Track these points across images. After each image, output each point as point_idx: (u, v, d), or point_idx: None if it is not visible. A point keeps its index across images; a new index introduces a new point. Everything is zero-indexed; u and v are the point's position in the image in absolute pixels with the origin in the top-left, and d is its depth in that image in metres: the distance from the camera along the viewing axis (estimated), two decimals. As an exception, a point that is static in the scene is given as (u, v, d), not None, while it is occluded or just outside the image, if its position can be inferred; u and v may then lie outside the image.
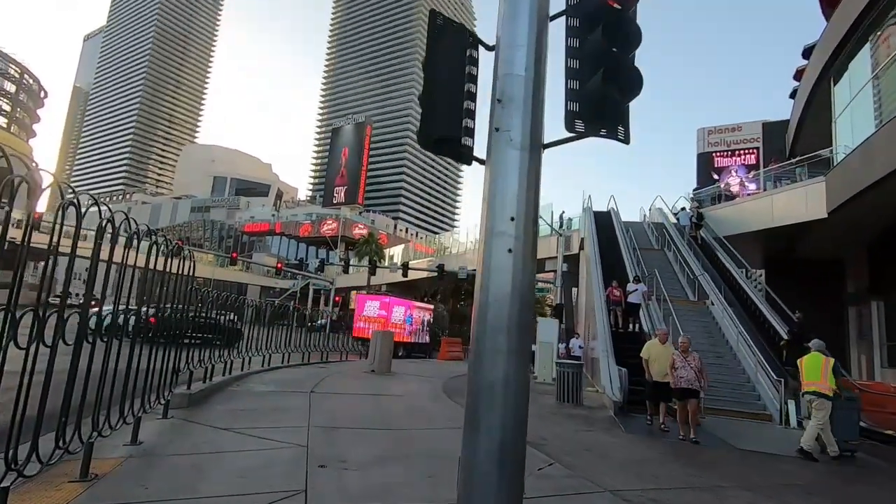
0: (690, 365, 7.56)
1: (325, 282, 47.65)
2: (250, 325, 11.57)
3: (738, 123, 40.74)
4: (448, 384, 12.01)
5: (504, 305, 2.92)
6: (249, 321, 11.85)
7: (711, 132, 40.89)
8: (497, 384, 2.90)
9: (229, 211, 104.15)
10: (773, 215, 19.50)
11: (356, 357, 17.30)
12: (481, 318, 2.98)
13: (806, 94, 21.28)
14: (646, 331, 11.98)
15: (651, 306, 13.39)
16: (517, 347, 2.92)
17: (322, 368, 13.32)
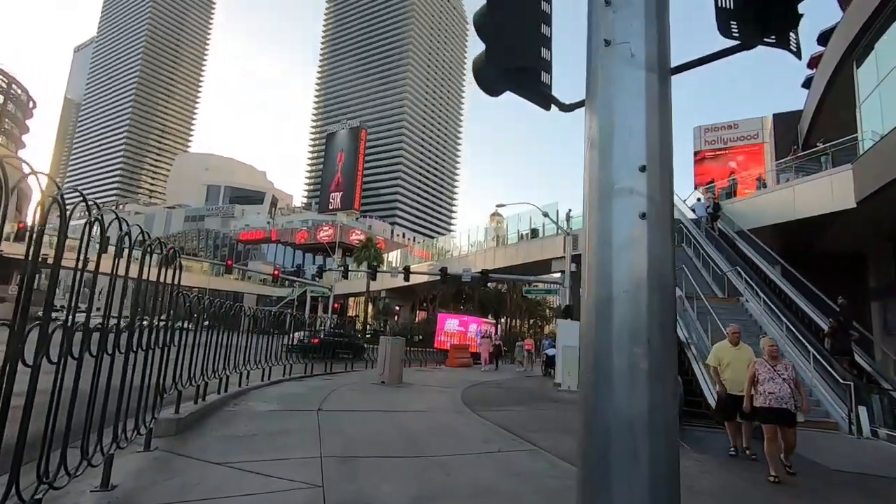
0: (783, 376, 5.54)
1: (324, 288, 46.52)
2: (248, 336, 10.51)
3: (735, 121, 40.53)
4: (467, 394, 10.97)
5: (640, 300, 1.90)
6: (247, 331, 10.81)
7: (708, 130, 40.61)
8: (638, 423, 1.85)
9: (224, 219, 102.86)
10: (795, 207, 18.61)
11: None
12: (600, 323, 1.95)
13: (824, 81, 20.46)
14: (683, 340, 10.88)
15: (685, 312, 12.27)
16: (661, 363, 1.89)
17: (327, 381, 12.25)
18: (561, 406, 9.96)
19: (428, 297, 67.89)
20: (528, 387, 13.88)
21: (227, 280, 69.46)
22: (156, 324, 5.15)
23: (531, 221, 34.88)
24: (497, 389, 12.61)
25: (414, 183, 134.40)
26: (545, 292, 30.01)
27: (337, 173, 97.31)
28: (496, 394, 11.73)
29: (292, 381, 11.63)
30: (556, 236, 31.76)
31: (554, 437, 6.80)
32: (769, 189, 20.18)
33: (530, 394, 11.96)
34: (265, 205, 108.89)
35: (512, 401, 10.54)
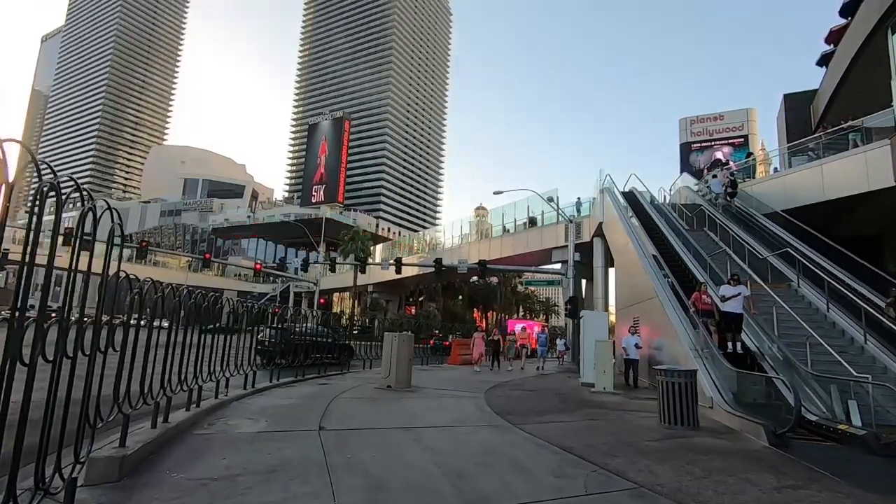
0: None
1: (308, 283, 44.31)
2: (227, 335, 8.58)
3: (721, 112, 40.12)
4: (493, 400, 9.22)
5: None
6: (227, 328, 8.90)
7: (694, 121, 40.41)
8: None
9: (202, 214, 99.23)
10: (824, 188, 17.24)
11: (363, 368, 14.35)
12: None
13: (851, 53, 19.15)
14: (754, 350, 9.20)
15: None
16: None
17: (324, 386, 10.37)
18: (612, 414, 8.27)
19: (415, 291, 66.08)
20: (552, 387, 12.20)
21: (205, 276, 66.62)
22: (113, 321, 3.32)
23: (529, 210, 33.26)
24: (522, 392, 10.89)
25: (398, 176, 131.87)
26: (547, 283, 28.47)
27: (320, 166, 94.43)
28: (525, 398, 10.00)
29: (282, 387, 9.73)
30: (557, 224, 30.18)
31: (638, 462, 5.09)
32: (796, 169, 18.76)
33: (563, 398, 10.25)
34: (245, 198, 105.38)
35: (549, 408, 8.81)
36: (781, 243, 14.91)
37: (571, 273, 26.30)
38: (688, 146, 40.13)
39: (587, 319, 12.63)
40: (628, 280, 16.20)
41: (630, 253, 15.84)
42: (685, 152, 40.01)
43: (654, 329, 12.01)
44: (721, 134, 39.67)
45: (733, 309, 9.42)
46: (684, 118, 40.53)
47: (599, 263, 26.42)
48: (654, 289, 12.15)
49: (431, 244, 46.43)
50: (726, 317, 9.49)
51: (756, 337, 9.47)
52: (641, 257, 14.12)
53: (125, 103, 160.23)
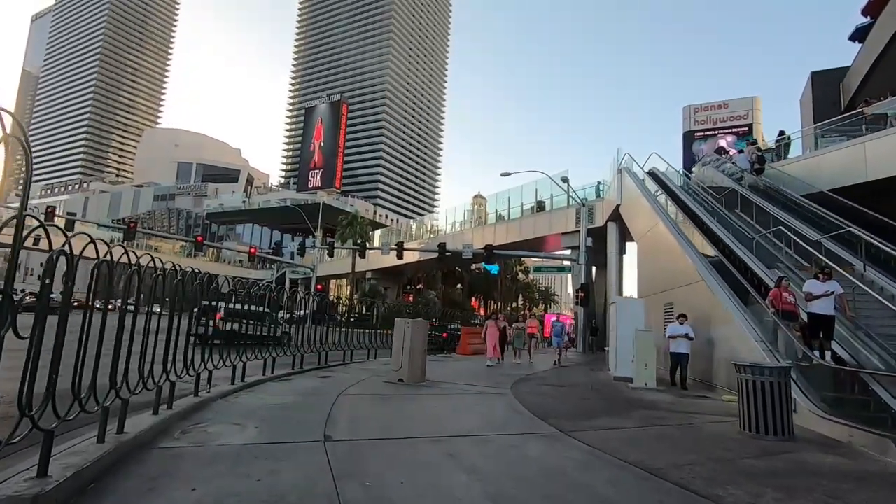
0: None
1: (305, 268, 42.83)
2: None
3: (726, 100, 38.96)
4: (524, 398, 7.85)
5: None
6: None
7: (698, 110, 39.25)
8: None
9: (196, 198, 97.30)
10: (867, 167, 15.81)
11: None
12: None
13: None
14: (847, 360, 7.49)
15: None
16: None
17: (326, 379, 8.99)
18: (674, 418, 6.92)
19: (414, 278, 64.66)
20: (583, 382, 10.85)
21: (199, 261, 64.92)
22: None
23: (537, 194, 31.81)
24: (552, 388, 9.52)
25: (396, 162, 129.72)
26: (557, 270, 27.03)
27: (317, 150, 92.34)
28: (559, 396, 8.63)
29: (276, 380, 8.33)
30: (567, 208, 28.76)
31: (762, 494, 3.72)
32: (834, 147, 17.32)
33: (603, 395, 8.89)
34: (240, 183, 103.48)
35: (595, 408, 7.45)
36: (830, 225, 13.55)
37: (583, 259, 24.95)
38: (691, 134, 39.05)
39: (621, 307, 11.26)
40: (657, 264, 14.83)
41: (660, 235, 14.46)
42: (688, 140, 38.92)
43: (699, 319, 10.65)
44: (725, 122, 38.68)
45: (823, 310, 7.53)
46: (688, 106, 39.42)
47: (613, 249, 25.09)
48: (699, 272, 10.78)
49: (433, 230, 44.96)
50: (814, 319, 7.60)
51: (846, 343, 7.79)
52: (678, 238, 12.74)
53: (118, 85, 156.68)
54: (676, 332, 10.13)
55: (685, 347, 9.98)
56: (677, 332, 10.11)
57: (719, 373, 9.76)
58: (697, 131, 38.54)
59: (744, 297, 9.55)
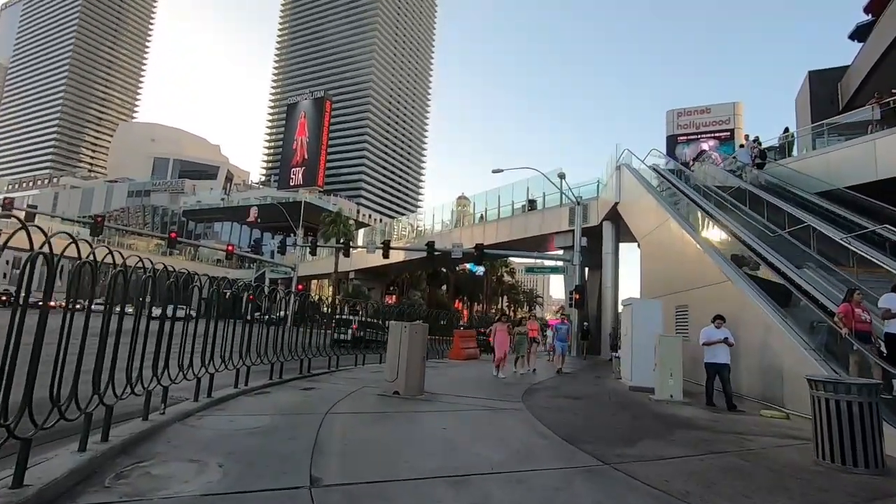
0: None
1: (286, 268, 41.21)
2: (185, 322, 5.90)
3: (708, 105, 39.32)
4: (541, 415, 6.73)
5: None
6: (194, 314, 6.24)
7: (681, 114, 39.53)
8: None
9: (172, 195, 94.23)
10: (878, 166, 15.16)
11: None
12: None
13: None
14: None
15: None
16: None
17: (308, 391, 7.74)
18: (725, 440, 5.89)
19: (398, 279, 63.28)
20: (597, 393, 9.78)
21: (175, 259, 62.55)
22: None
23: (528, 192, 30.87)
24: (567, 401, 8.41)
25: (380, 162, 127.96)
26: (550, 271, 26.10)
27: (299, 147, 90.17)
28: (579, 411, 7.53)
29: (251, 393, 7.08)
30: (560, 207, 27.82)
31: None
32: (843, 145, 16.67)
33: (629, 411, 7.80)
34: (219, 180, 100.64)
35: (629, 429, 6.37)
36: (850, 223, 12.80)
37: (578, 259, 24.05)
38: (674, 138, 39.25)
39: (637, 309, 10.25)
40: (667, 264, 13.90)
41: (671, 233, 13.54)
42: (671, 144, 39.11)
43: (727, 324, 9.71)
44: (707, 127, 39.06)
45: None
46: (671, 110, 39.68)
47: (609, 249, 24.22)
48: (725, 272, 9.84)
49: (418, 229, 43.74)
50: (890, 341, 6.35)
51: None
52: (694, 236, 11.82)
53: (92, 78, 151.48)
54: (713, 337, 8.28)
55: (725, 356, 8.17)
56: (714, 338, 8.25)
57: (750, 383, 8.78)
58: (680, 135, 38.57)
59: (779, 301, 8.62)
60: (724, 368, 8.23)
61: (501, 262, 66.12)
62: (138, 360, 4.50)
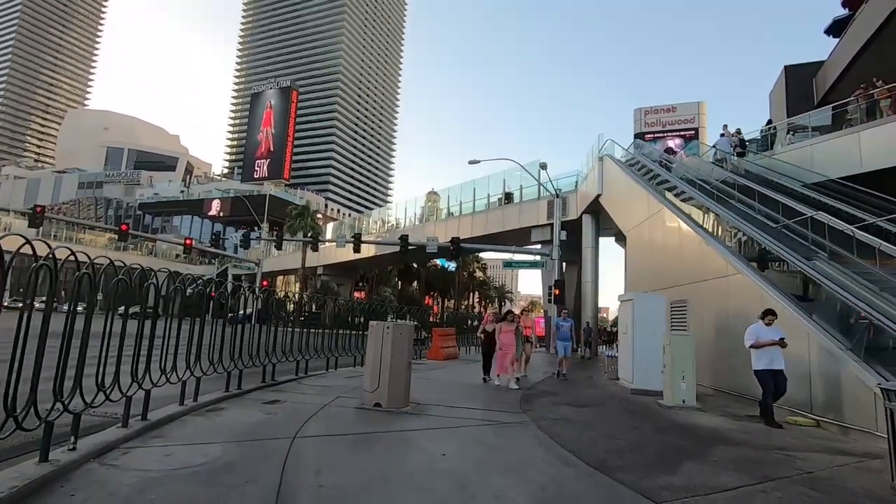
0: None
1: (250, 263, 39.17)
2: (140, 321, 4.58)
3: (673, 104, 40.06)
4: (552, 430, 5.71)
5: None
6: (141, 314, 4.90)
7: (648, 112, 40.09)
8: None
9: (127, 187, 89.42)
10: (862, 158, 14.92)
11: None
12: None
13: (888, 9, 16.97)
14: None
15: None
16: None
17: (272, 406, 6.47)
18: (772, 460, 5.01)
19: (368, 274, 61.59)
20: (596, 396, 8.85)
21: (131, 255, 59.06)
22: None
23: (505, 185, 29.99)
24: (573, 410, 7.41)
25: (348, 156, 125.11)
26: (529, 265, 25.27)
27: (264, 139, 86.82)
28: (591, 423, 6.52)
29: (201, 411, 5.79)
30: (538, 201, 27.03)
31: None
32: (826, 137, 16.40)
33: (643, 420, 6.87)
34: (178, 172, 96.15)
35: (658, 448, 5.39)
36: (851, 215, 12.35)
37: (557, 253, 23.28)
38: (642, 136, 39.92)
39: (639, 304, 9.38)
40: (660, 257, 13.16)
41: (665, 223, 12.80)
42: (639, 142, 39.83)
43: (731, 317, 8.95)
44: (673, 126, 39.75)
45: None
46: (639, 108, 40.12)
47: (589, 243, 23.60)
48: (734, 264, 9.07)
49: (389, 224, 42.32)
50: None
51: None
52: (694, 227, 11.09)
53: (38, 63, 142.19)
54: (764, 337, 6.65)
55: (781, 360, 6.62)
56: (766, 338, 6.62)
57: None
58: (648, 133, 38.96)
59: (797, 296, 7.88)
60: (781, 376, 6.68)
61: (473, 257, 65.40)
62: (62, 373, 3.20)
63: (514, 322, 10.09)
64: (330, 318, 12.90)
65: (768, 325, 6.93)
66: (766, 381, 6.70)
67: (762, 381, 6.73)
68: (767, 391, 6.68)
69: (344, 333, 12.25)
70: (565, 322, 11.83)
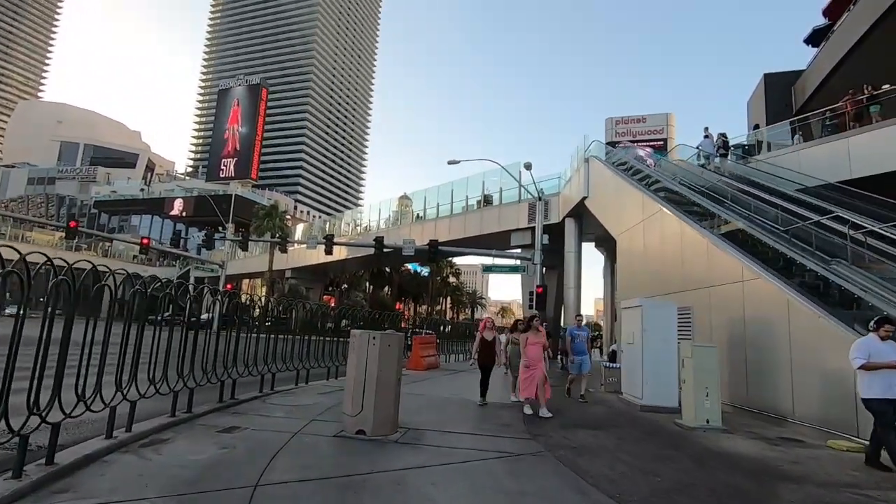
0: None
1: (213, 265, 37.07)
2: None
3: (643, 115, 40.95)
4: (574, 461, 4.68)
5: None
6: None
7: (619, 122, 40.87)
8: None
9: (82, 184, 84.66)
10: (851, 165, 14.68)
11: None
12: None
13: (870, 19, 16.93)
14: None
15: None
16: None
17: (228, 437, 5.19)
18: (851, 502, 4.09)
19: (339, 278, 59.71)
20: (602, 413, 7.86)
21: (85, 255, 55.46)
22: None
23: (484, 187, 29.14)
24: (590, 434, 6.36)
25: (319, 158, 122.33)
26: (510, 270, 24.38)
27: (231, 137, 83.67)
28: (620, 452, 5.49)
29: (133, 448, 4.50)
30: (518, 203, 26.25)
31: None
32: (814, 142, 16.14)
33: (678, 451, 5.89)
34: (138, 169, 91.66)
35: (717, 489, 4.40)
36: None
37: (539, 258, 22.45)
38: (613, 144, 40.59)
39: (649, 311, 8.47)
40: (658, 261, 12.40)
41: (665, 225, 12.06)
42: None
43: (748, 325, 8.17)
44: (643, 136, 40.57)
45: None
46: (610, 118, 40.78)
47: (572, 248, 22.89)
48: (752, 268, 8.31)
49: (363, 226, 40.87)
50: None
51: None
52: (699, 229, 10.35)
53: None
54: (885, 355, 5.03)
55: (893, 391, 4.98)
56: (884, 356, 5.02)
57: (803, 403, 7.18)
58: (618, 142, 39.45)
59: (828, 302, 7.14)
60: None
61: (447, 262, 64.38)
62: None
63: (540, 332, 8.01)
64: (299, 323, 11.58)
65: (884, 339, 5.15)
66: (883, 413, 5.01)
67: (877, 412, 5.05)
68: (886, 425, 4.99)
69: (317, 340, 10.97)
70: (581, 331, 9.76)
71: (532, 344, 7.79)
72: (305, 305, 12.80)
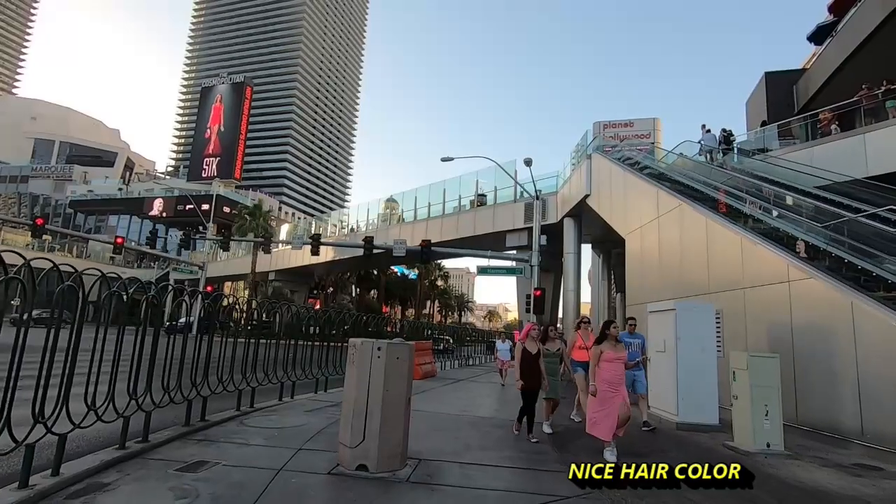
0: None
1: (194, 266, 35.43)
2: None
3: (631, 119, 41.11)
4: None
5: None
6: None
7: (607, 126, 40.71)
8: None
9: (57, 182, 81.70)
10: (868, 161, 13.97)
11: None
12: None
13: (885, 12, 16.32)
14: None
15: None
16: None
17: (193, 480, 3.99)
18: None
19: (323, 281, 58.13)
20: (649, 441, 6.82)
21: (59, 256, 53.09)
22: None
23: (478, 186, 28.13)
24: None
25: (304, 159, 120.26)
26: (506, 272, 23.34)
27: (213, 135, 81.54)
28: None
29: (59, 494, 3.29)
30: (514, 203, 25.28)
31: None
32: (827, 139, 15.43)
33: (757, 488, 4.89)
34: (116, 168, 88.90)
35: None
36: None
37: (537, 259, 21.48)
38: (601, 148, 40.52)
39: (683, 317, 7.45)
40: (676, 261, 11.45)
41: (683, 222, 11.13)
42: None
43: (801, 332, 7.22)
44: (631, 140, 40.45)
45: None
46: (598, 122, 40.54)
47: (571, 249, 21.94)
48: (803, 268, 7.36)
49: (350, 227, 39.56)
50: None
51: None
52: (729, 225, 9.43)
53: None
54: None
55: None
56: None
57: (871, 420, 6.18)
58: (606, 146, 39.21)
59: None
60: None
61: (435, 265, 63.23)
62: None
63: (619, 344, 5.83)
64: (283, 327, 10.37)
65: None
66: None
67: None
68: None
69: (303, 345, 9.77)
70: (635, 338, 7.67)
71: (610, 361, 5.51)
72: (290, 308, 11.62)
